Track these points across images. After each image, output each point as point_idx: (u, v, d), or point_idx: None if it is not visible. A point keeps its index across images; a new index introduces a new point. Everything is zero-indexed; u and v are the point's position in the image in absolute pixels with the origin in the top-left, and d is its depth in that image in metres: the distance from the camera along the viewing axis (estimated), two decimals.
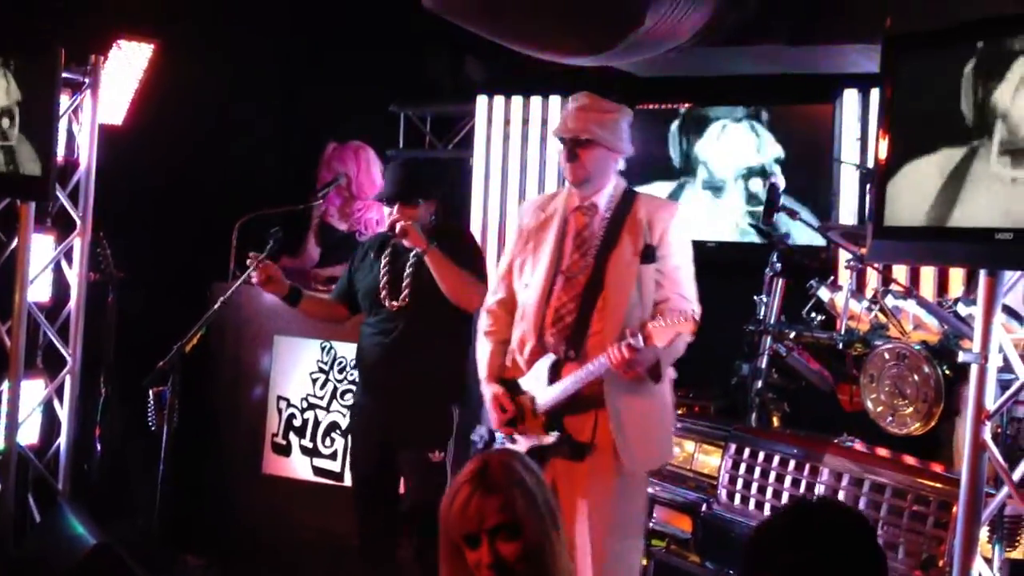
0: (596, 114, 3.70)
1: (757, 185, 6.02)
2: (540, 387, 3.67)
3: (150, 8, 5.67)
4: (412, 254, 4.34)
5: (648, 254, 3.65)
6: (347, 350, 5.15)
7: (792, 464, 4.11)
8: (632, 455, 3.62)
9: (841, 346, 4.72)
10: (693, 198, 6.20)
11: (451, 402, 4.30)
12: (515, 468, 2.38)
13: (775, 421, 4.95)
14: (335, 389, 5.17)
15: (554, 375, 3.65)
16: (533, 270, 3.76)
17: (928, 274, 5.89)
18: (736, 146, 6.17)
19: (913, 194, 3.21)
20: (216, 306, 4.41)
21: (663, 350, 3.50)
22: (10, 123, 4.71)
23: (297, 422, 5.23)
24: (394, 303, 4.33)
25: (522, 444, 3.67)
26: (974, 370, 3.16)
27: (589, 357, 3.58)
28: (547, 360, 3.67)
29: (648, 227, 3.66)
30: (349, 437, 5.00)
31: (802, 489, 4.03)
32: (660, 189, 6.16)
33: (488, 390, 3.79)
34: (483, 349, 3.88)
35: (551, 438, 3.63)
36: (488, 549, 2.31)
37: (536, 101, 7.22)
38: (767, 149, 6.10)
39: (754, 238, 5.91)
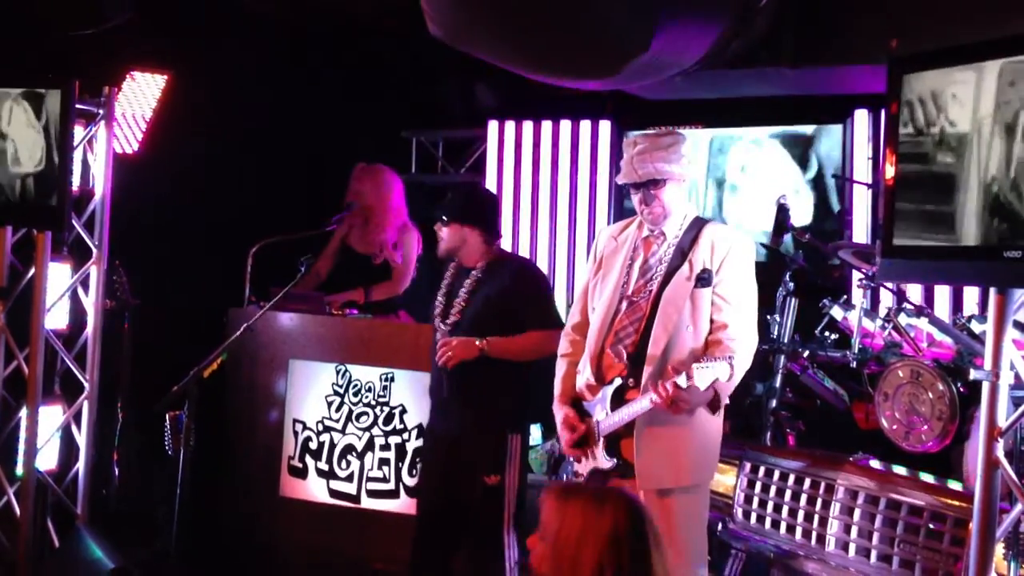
0: (660, 152, 3.68)
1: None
2: (603, 412, 3.71)
3: (163, 39, 5.74)
4: (472, 272, 4.32)
5: (704, 277, 3.65)
6: (362, 373, 5.18)
7: (807, 483, 4.10)
8: (643, 472, 3.62)
9: (855, 364, 4.73)
10: None
11: (507, 428, 4.23)
12: (639, 511, 2.43)
13: (790, 440, 4.95)
14: (350, 412, 5.19)
15: (616, 401, 3.67)
16: (600, 295, 3.82)
17: (943, 291, 5.90)
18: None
19: (921, 212, 3.22)
20: (239, 332, 4.45)
21: (718, 385, 3.53)
22: (36, 154, 4.73)
23: (313, 445, 5.25)
24: (445, 323, 4.32)
25: (585, 466, 3.76)
26: (986, 387, 3.16)
27: (646, 383, 3.59)
28: (611, 387, 3.69)
29: (710, 252, 3.68)
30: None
31: (818, 507, 4.03)
32: None
33: (559, 412, 3.84)
34: (559, 371, 3.93)
35: (609, 463, 3.69)
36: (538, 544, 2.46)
37: (547, 125, 7.29)
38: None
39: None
